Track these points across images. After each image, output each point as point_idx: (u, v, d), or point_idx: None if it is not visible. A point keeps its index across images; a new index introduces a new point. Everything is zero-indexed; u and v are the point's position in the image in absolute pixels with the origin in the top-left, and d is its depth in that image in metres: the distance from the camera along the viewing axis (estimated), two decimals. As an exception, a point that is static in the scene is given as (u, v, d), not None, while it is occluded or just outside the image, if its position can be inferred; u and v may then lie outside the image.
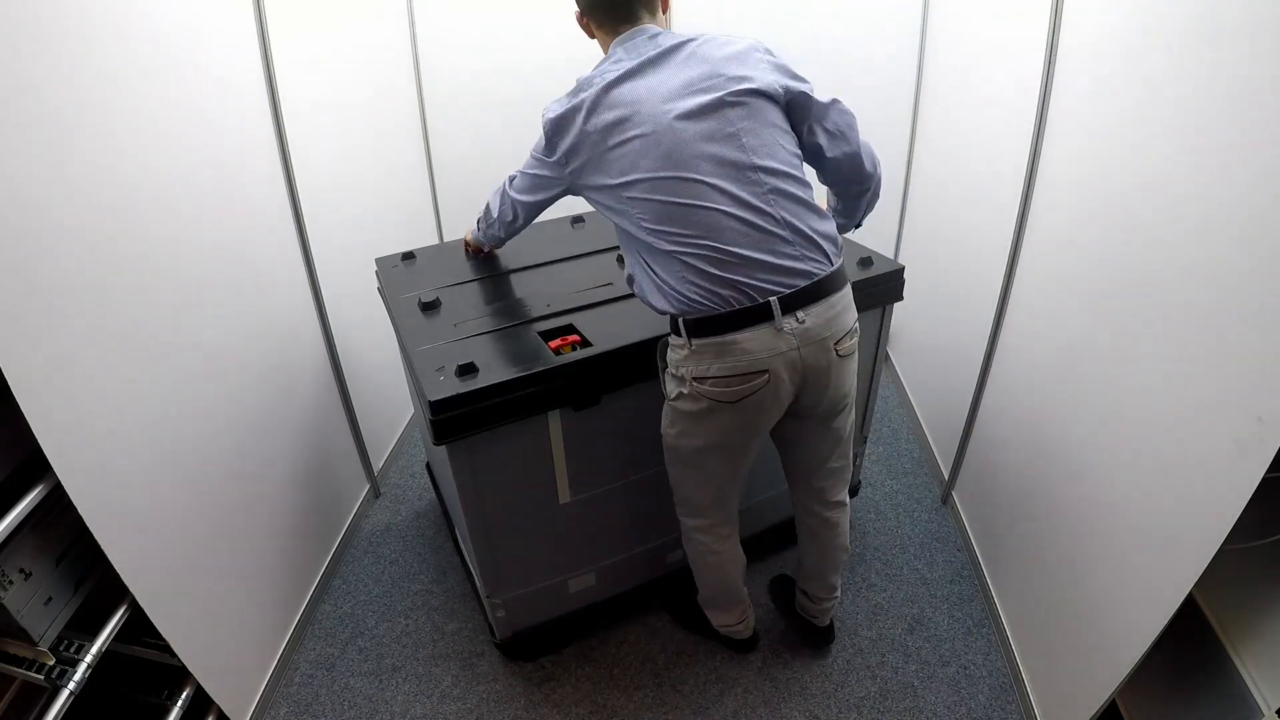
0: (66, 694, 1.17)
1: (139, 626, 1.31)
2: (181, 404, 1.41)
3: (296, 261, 1.89)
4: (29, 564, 1.15)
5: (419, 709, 1.71)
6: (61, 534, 1.21)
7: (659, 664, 1.79)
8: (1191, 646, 1.22)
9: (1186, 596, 1.10)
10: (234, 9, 1.61)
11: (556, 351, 1.43)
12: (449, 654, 1.84)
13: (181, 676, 1.45)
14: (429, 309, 1.61)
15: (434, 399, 1.31)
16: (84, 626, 1.26)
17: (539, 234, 1.96)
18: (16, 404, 1.02)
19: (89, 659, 1.22)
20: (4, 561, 1.10)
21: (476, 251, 1.87)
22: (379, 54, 2.45)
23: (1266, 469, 0.95)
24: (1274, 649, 1.12)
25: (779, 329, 1.22)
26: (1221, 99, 1.07)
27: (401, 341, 1.58)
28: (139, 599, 1.26)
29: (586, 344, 1.46)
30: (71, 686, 1.18)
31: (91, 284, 1.19)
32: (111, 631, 1.27)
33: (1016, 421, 1.78)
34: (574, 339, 1.47)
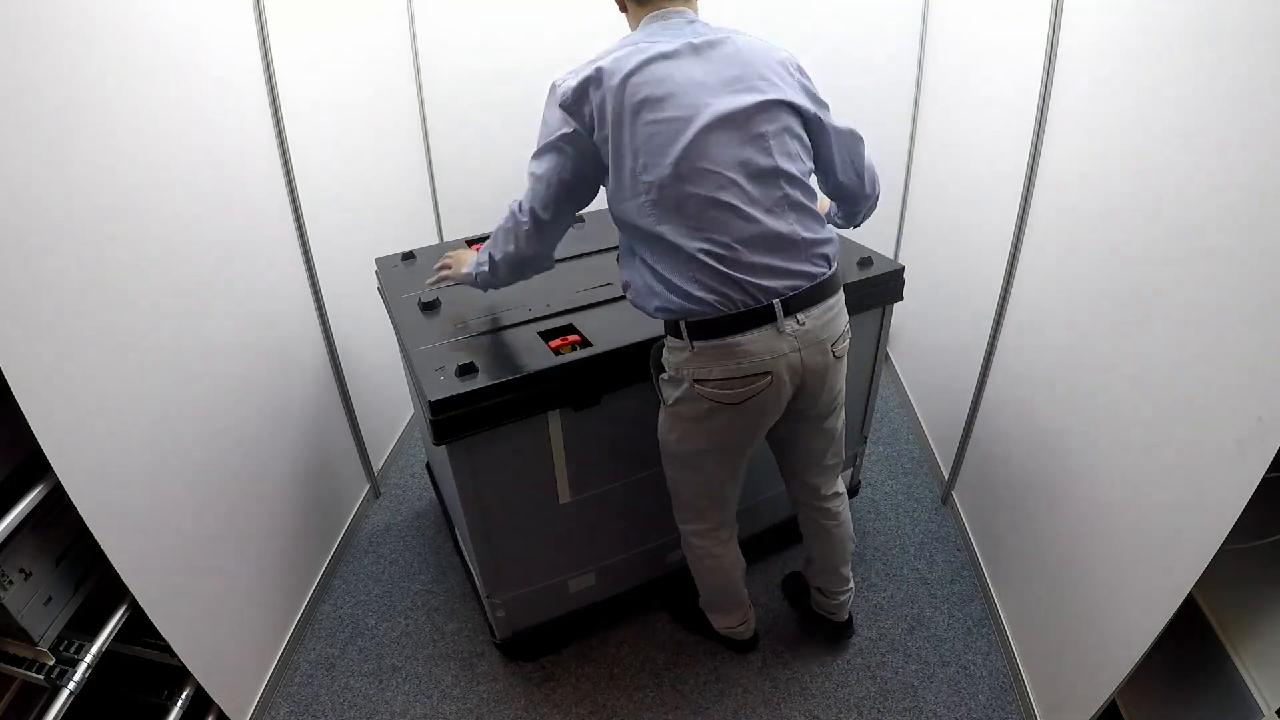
0: (66, 694, 1.17)
1: (139, 626, 1.31)
2: (181, 404, 1.41)
3: (296, 261, 1.89)
4: (29, 564, 1.15)
5: (419, 709, 1.71)
6: (61, 534, 1.21)
7: (659, 664, 1.79)
8: (1191, 646, 1.22)
9: (1186, 596, 1.10)
10: (234, 9, 1.61)
11: (556, 351, 1.43)
12: (449, 654, 1.84)
13: (181, 676, 1.45)
14: (429, 309, 1.61)
15: (434, 399, 1.31)
16: (84, 626, 1.26)
17: None
18: (16, 404, 1.02)
19: (89, 659, 1.22)
20: (4, 561, 1.10)
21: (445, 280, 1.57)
22: (379, 54, 2.45)
23: (1266, 469, 0.95)
24: (1274, 649, 1.12)
25: (781, 331, 1.23)
26: (1221, 99, 1.07)
27: (401, 341, 1.58)
28: (139, 599, 1.26)
29: (586, 344, 1.46)
30: (71, 686, 1.18)
31: (91, 284, 1.19)
32: (111, 631, 1.27)
33: (1016, 421, 1.78)
34: (574, 339, 1.47)
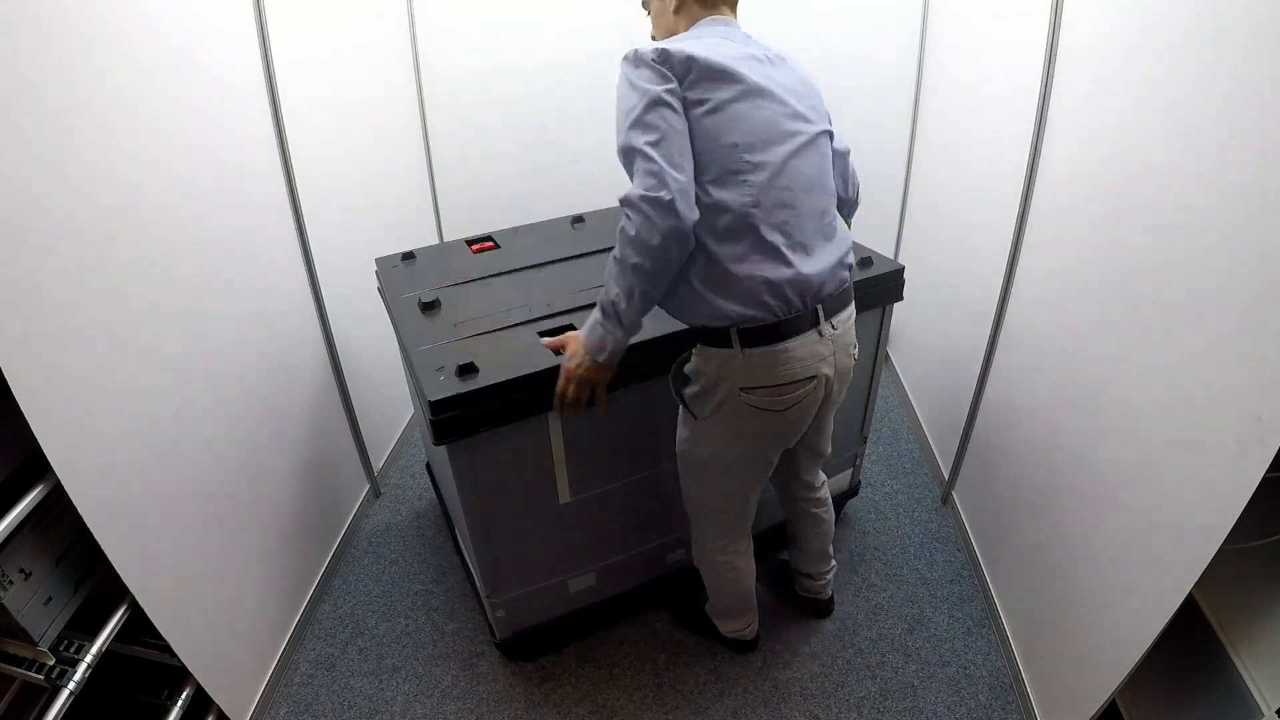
0: (66, 694, 1.17)
1: (139, 626, 1.31)
2: (181, 404, 1.41)
3: (296, 261, 1.89)
4: (29, 564, 1.15)
5: (419, 709, 1.71)
6: (61, 534, 1.21)
7: (659, 664, 1.79)
8: (1191, 646, 1.22)
9: (1186, 596, 1.10)
10: (234, 9, 1.61)
11: (557, 352, 1.44)
12: (449, 654, 1.84)
13: (181, 676, 1.45)
14: (429, 309, 1.60)
15: (434, 399, 1.30)
16: (84, 626, 1.25)
17: (539, 235, 1.96)
18: (16, 404, 1.02)
19: (89, 659, 1.22)
20: (4, 561, 1.10)
21: (580, 386, 1.29)
22: (379, 54, 2.45)
23: (1266, 469, 0.95)
24: (1274, 649, 1.12)
25: (821, 335, 1.25)
26: (1221, 99, 1.07)
27: (401, 342, 1.57)
28: (139, 599, 1.26)
29: None
30: (71, 686, 1.18)
31: (92, 284, 1.19)
32: (111, 631, 1.27)
33: (1016, 421, 1.78)
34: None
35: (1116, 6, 1.38)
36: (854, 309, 1.34)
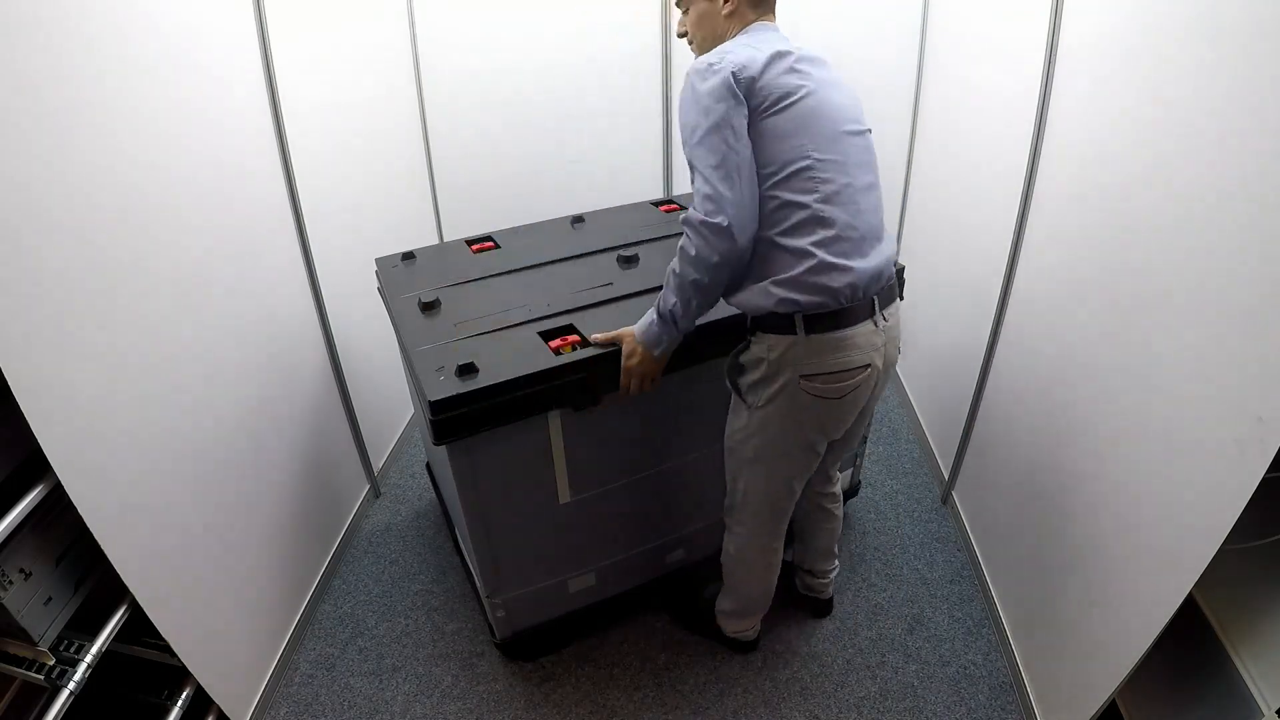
0: (66, 694, 1.17)
1: (139, 626, 1.31)
2: (181, 404, 1.41)
3: (296, 261, 1.89)
4: (29, 564, 1.15)
5: (419, 709, 1.71)
6: (61, 534, 1.21)
7: (659, 664, 1.79)
8: (1191, 646, 1.22)
9: (1186, 596, 1.10)
10: (234, 9, 1.61)
11: (556, 351, 1.43)
12: (449, 654, 1.84)
13: (181, 676, 1.45)
14: (429, 309, 1.60)
15: (434, 399, 1.30)
16: (84, 626, 1.25)
17: (539, 235, 1.96)
18: (16, 404, 1.02)
19: (89, 659, 1.22)
20: (4, 561, 1.10)
21: (641, 378, 1.40)
22: (379, 54, 2.45)
23: (1266, 469, 0.95)
24: (1274, 649, 1.12)
25: (876, 325, 1.29)
26: (1221, 99, 1.07)
27: (401, 342, 1.58)
28: (139, 599, 1.26)
29: (586, 344, 1.46)
30: (71, 686, 1.18)
31: (92, 284, 1.19)
32: (111, 631, 1.27)
33: (1016, 421, 1.78)
34: (574, 339, 1.47)
35: (1116, 6, 1.38)
36: (899, 303, 1.38)
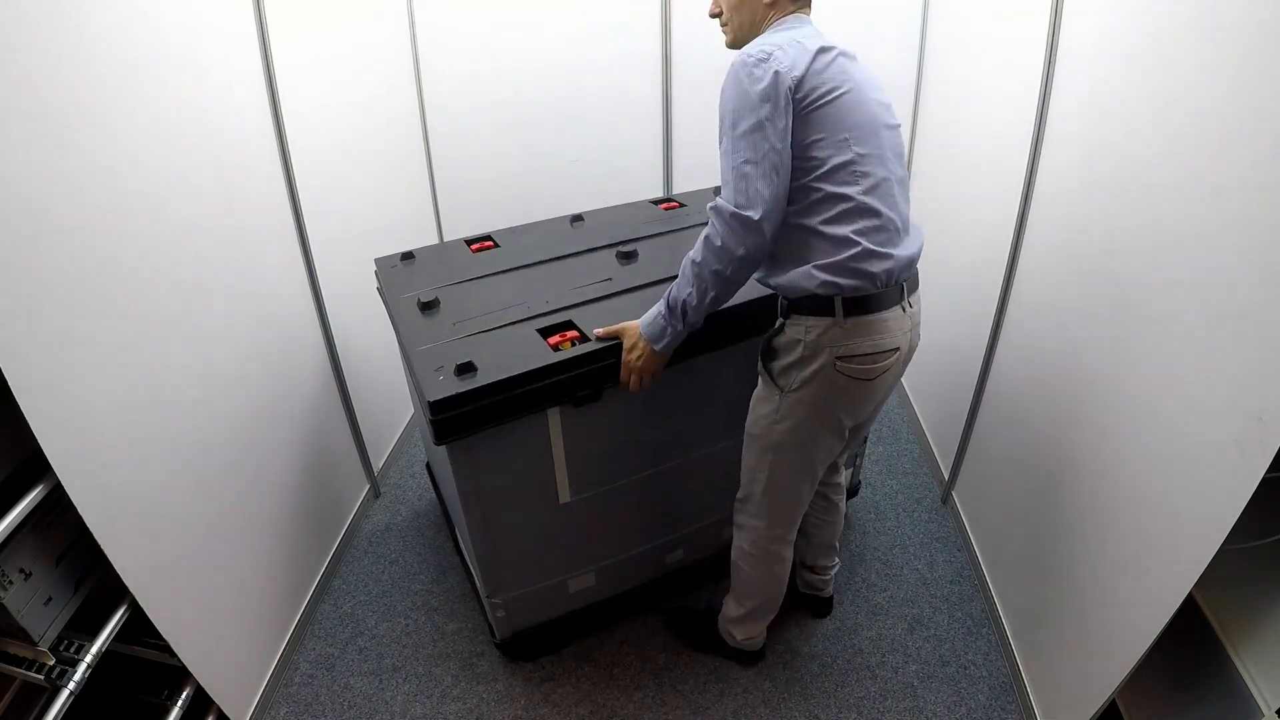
0: (66, 694, 1.17)
1: (139, 626, 1.31)
2: (182, 404, 1.41)
3: (296, 261, 1.89)
4: (29, 564, 1.15)
5: (419, 709, 1.71)
6: (61, 534, 1.21)
7: (659, 664, 1.79)
8: (1191, 646, 1.22)
9: (1186, 596, 1.10)
10: (234, 9, 1.61)
11: (555, 348, 1.43)
12: (449, 654, 1.84)
13: (181, 676, 1.45)
14: (428, 309, 1.60)
15: (433, 399, 1.30)
16: (84, 626, 1.26)
17: (538, 233, 1.96)
18: (16, 404, 1.02)
19: (89, 659, 1.22)
20: (4, 561, 1.10)
21: (642, 373, 1.39)
22: (379, 54, 2.45)
23: (1266, 469, 0.95)
24: (1274, 649, 1.12)
25: (904, 310, 1.32)
26: (1221, 98, 1.07)
27: (401, 342, 1.57)
28: (139, 599, 1.26)
29: (585, 340, 1.45)
30: (71, 686, 1.18)
31: (92, 284, 1.19)
32: (111, 631, 1.27)
33: (1016, 421, 1.78)
34: (573, 335, 1.46)
35: (1116, 6, 1.38)
36: (919, 291, 1.40)
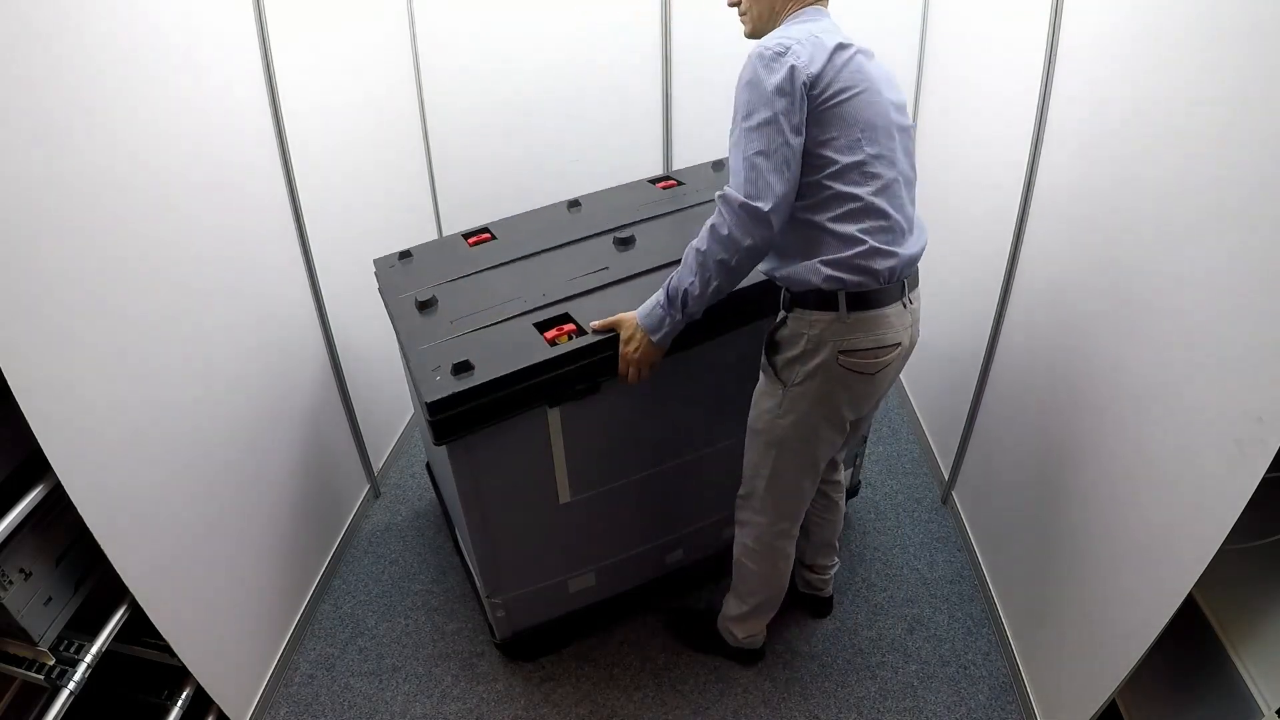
0: (66, 694, 1.17)
1: (139, 626, 1.31)
2: (182, 404, 1.41)
3: (296, 262, 1.89)
4: (29, 564, 1.15)
5: (419, 709, 1.71)
6: (61, 534, 1.21)
7: (659, 664, 1.79)
8: (1191, 646, 1.22)
9: (1186, 596, 1.10)
10: (234, 9, 1.61)
11: (552, 342, 1.42)
12: (449, 654, 1.84)
13: (181, 676, 1.45)
14: (425, 307, 1.59)
15: (430, 400, 1.30)
16: (84, 626, 1.26)
17: (535, 222, 1.92)
18: (16, 404, 1.02)
19: (89, 659, 1.22)
20: (4, 561, 1.10)
21: (640, 364, 1.38)
22: (379, 54, 2.45)
23: (1266, 469, 0.95)
24: (1274, 649, 1.12)
25: (904, 306, 1.33)
26: (1221, 98, 1.07)
27: (400, 342, 1.57)
28: (139, 599, 1.26)
29: (582, 333, 1.44)
30: (71, 686, 1.18)
31: (92, 284, 1.19)
32: (111, 631, 1.27)
33: (1016, 421, 1.78)
34: (570, 328, 1.45)
35: (1116, 6, 1.38)
36: (919, 288, 1.41)
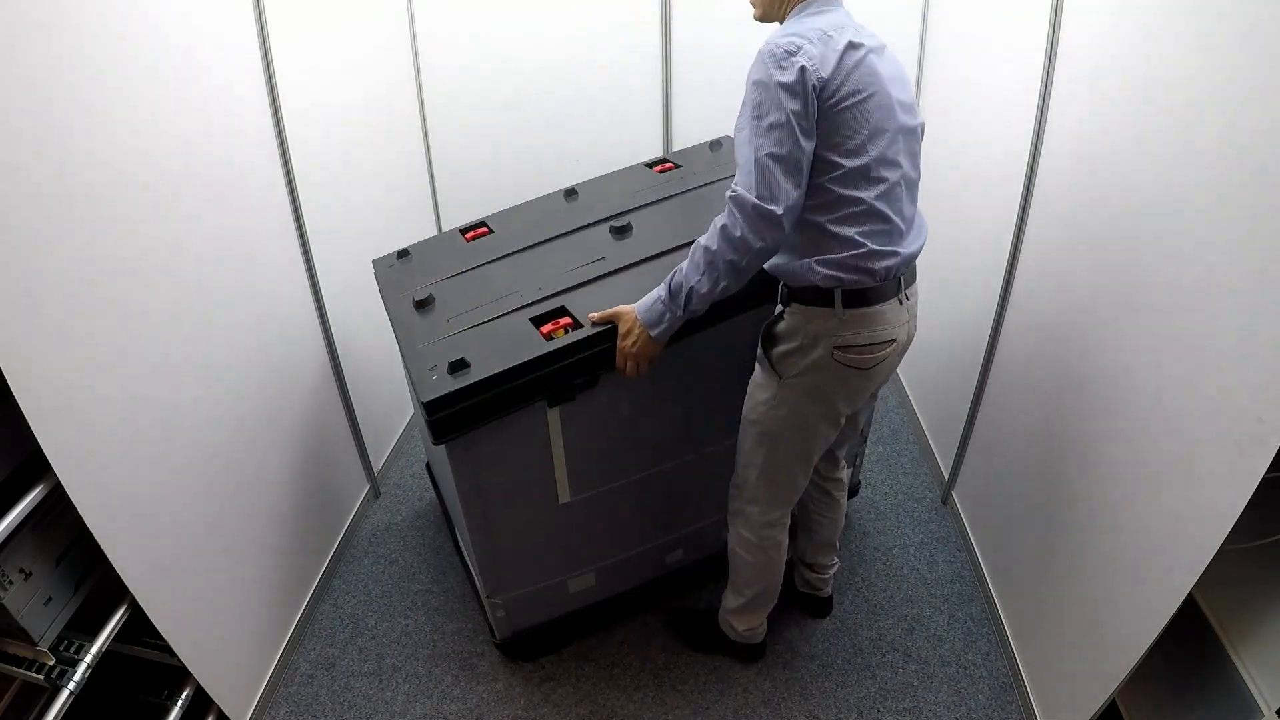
0: (66, 694, 1.17)
1: (139, 626, 1.31)
2: (182, 404, 1.41)
3: (296, 262, 1.89)
4: (29, 564, 1.15)
5: (419, 709, 1.71)
6: (61, 534, 1.21)
7: (659, 664, 1.79)
8: (1191, 646, 1.22)
9: (1186, 596, 1.10)
10: (234, 9, 1.61)
11: (548, 337, 1.41)
12: (449, 654, 1.84)
13: (181, 676, 1.45)
14: (423, 306, 1.58)
15: (427, 399, 1.30)
16: (84, 626, 1.26)
17: (532, 213, 1.91)
18: (16, 404, 1.02)
19: (89, 659, 1.22)
20: (4, 561, 1.10)
21: (638, 359, 1.37)
22: (379, 54, 2.45)
23: (1266, 469, 0.95)
24: (1274, 649, 1.12)
25: (901, 303, 1.34)
26: (1220, 98, 1.07)
27: (399, 342, 1.57)
28: (139, 599, 1.26)
29: (579, 326, 1.42)
30: (71, 686, 1.18)
31: (91, 284, 1.19)
32: (111, 631, 1.27)
33: (1017, 422, 1.78)
34: (566, 321, 1.44)
35: (1116, 6, 1.37)
36: (916, 284, 1.41)
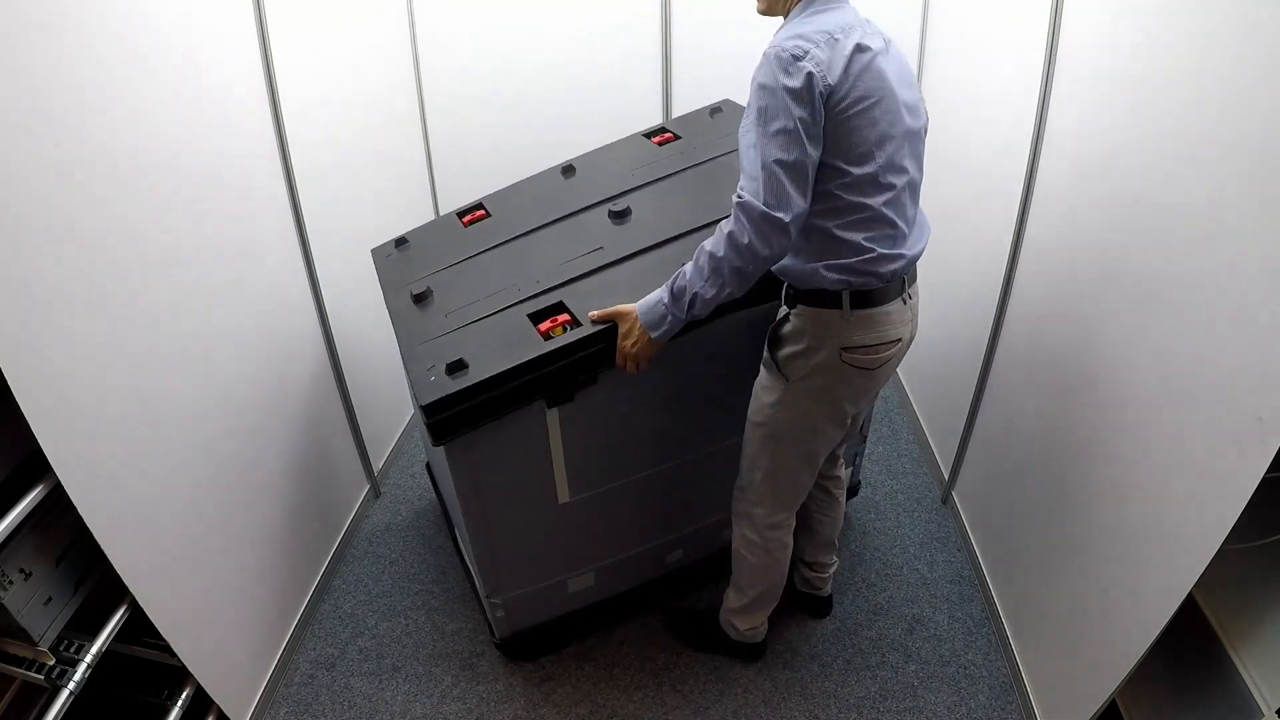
0: (66, 694, 1.17)
1: (139, 626, 1.31)
2: (182, 404, 1.41)
3: (296, 261, 1.89)
4: (29, 564, 1.15)
5: (419, 709, 1.71)
6: (61, 534, 1.21)
7: (659, 664, 1.79)
8: (1191, 646, 1.22)
9: (1186, 596, 1.10)
10: (234, 9, 1.61)
11: (547, 335, 1.39)
12: (449, 654, 1.84)
13: (181, 676, 1.45)
14: (420, 300, 1.56)
15: (425, 402, 1.30)
16: (84, 626, 1.26)
17: (529, 192, 1.87)
18: (16, 404, 1.02)
19: (89, 659, 1.22)
20: (4, 561, 1.10)
21: (638, 360, 1.37)
22: (379, 54, 2.45)
23: (1266, 469, 0.95)
24: (1274, 649, 1.12)
25: (904, 302, 1.35)
26: (1220, 98, 1.07)
27: (399, 340, 1.56)
28: (139, 599, 1.26)
29: (577, 324, 1.40)
30: (71, 686, 1.18)
31: (91, 283, 1.19)
32: (111, 631, 1.27)
33: (1017, 422, 1.78)
34: (564, 318, 1.41)
35: (1116, 6, 1.37)
36: (917, 283, 1.42)
